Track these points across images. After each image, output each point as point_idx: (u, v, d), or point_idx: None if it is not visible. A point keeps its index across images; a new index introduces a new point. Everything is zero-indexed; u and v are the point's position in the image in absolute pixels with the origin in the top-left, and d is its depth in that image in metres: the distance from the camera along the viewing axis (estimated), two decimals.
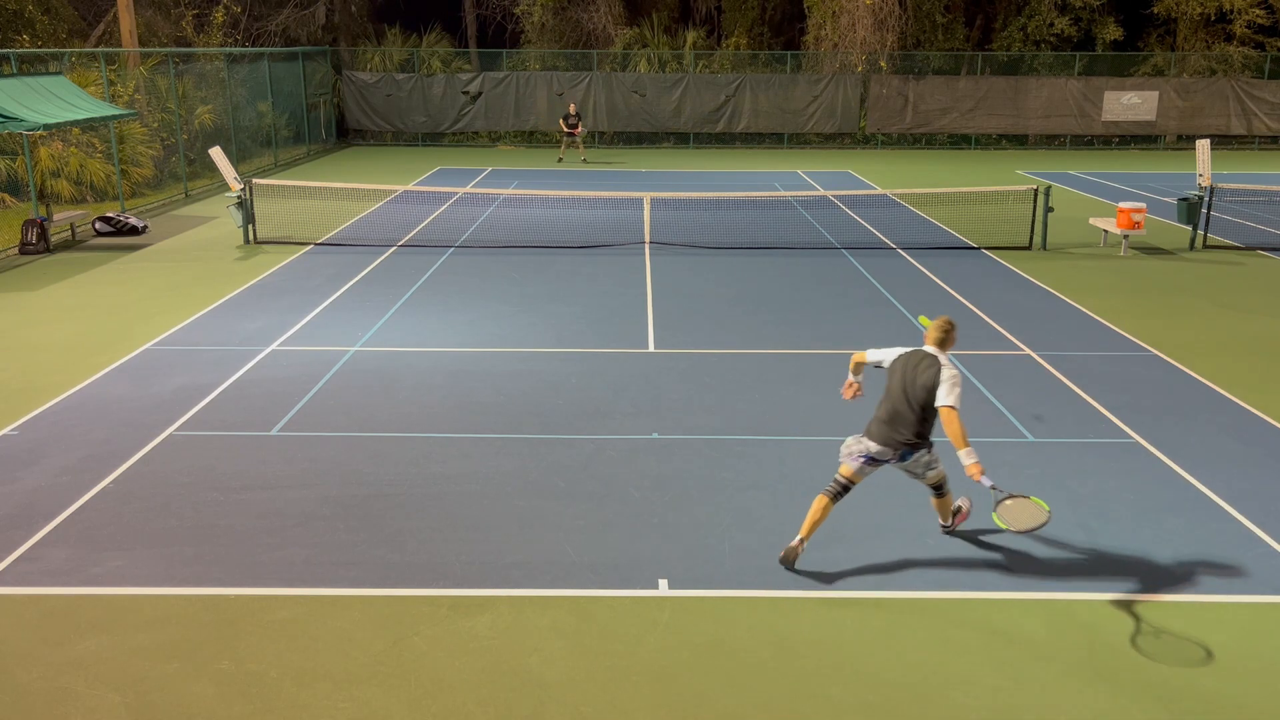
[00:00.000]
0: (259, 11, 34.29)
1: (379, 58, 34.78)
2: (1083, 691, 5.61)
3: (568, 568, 6.86)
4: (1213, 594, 6.59)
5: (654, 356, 11.48)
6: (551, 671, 5.75)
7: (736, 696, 5.54)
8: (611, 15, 35.72)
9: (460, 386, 10.42)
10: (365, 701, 5.48)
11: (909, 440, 6.64)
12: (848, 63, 33.91)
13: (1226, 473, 8.41)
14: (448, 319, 12.95)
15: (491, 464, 8.52)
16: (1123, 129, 34.48)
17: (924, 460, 6.78)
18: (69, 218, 17.93)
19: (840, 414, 9.72)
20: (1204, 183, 17.66)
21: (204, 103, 26.00)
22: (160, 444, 8.89)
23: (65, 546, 7.10)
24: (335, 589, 6.58)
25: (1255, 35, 33.92)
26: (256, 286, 14.63)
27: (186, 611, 6.32)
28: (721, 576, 6.76)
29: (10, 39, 26.80)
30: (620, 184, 24.52)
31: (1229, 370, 11.06)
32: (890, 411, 6.69)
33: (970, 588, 6.65)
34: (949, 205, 21.76)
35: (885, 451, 6.66)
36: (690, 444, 8.95)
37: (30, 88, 17.14)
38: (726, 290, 14.48)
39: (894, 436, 6.64)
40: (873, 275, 15.44)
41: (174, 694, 5.53)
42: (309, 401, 9.95)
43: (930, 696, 5.56)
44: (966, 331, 12.45)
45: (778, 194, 20.57)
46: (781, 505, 7.78)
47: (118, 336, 12.14)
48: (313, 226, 18.98)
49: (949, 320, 6.88)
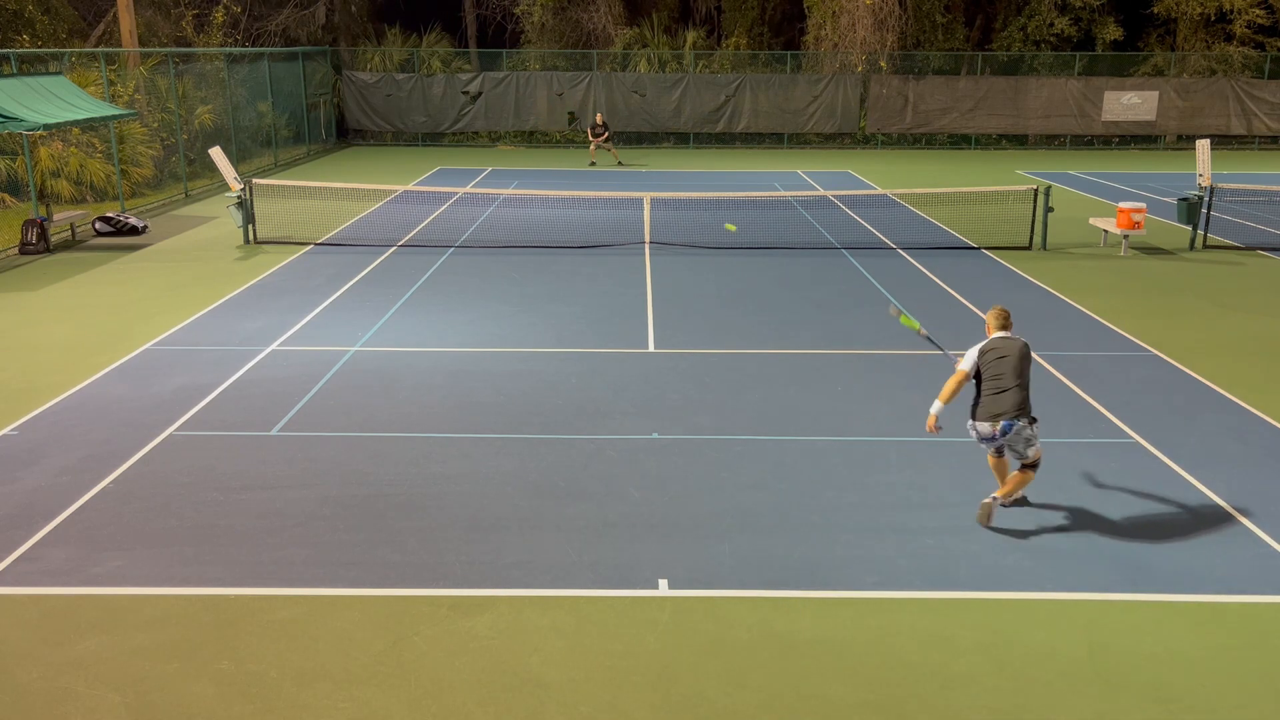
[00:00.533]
0: (259, 11, 34.29)
1: (379, 58, 34.79)
2: (1083, 691, 5.61)
3: (568, 568, 6.86)
4: (1213, 594, 6.59)
5: (654, 356, 11.48)
6: (551, 671, 5.75)
7: (736, 696, 5.54)
8: (611, 15, 35.72)
9: (460, 386, 10.42)
10: (365, 701, 5.48)
11: (1012, 410, 7.21)
12: (848, 63, 33.91)
13: (1226, 473, 8.41)
14: (448, 319, 12.95)
15: (491, 464, 8.52)
16: (1123, 129, 34.49)
17: (1025, 434, 7.29)
18: (69, 218, 17.94)
19: (840, 414, 9.73)
20: (1204, 183, 17.66)
21: (204, 103, 26.01)
22: (160, 444, 8.89)
23: (65, 546, 7.10)
24: (335, 589, 6.58)
25: (1255, 35, 33.92)
26: (256, 286, 14.63)
27: (186, 611, 6.32)
28: (721, 576, 6.76)
29: (10, 39, 26.80)
30: (620, 184, 24.52)
31: (1229, 370, 11.06)
32: (994, 388, 7.30)
33: (970, 588, 6.65)
34: (949, 205, 21.76)
35: (989, 428, 7.30)
36: (690, 444, 8.95)
37: (30, 88, 17.14)
38: (726, 290, 14.48)
39: (998, 412, 7.24)
40: (873, 275, 15.43)
41: (174, 694, 5.53)
42: (309, 401, 9.95)
43: (930, 696, 5.56)
44: (966, 331, 12.46)
45: (778, 194, 20.58)
46: (781, 505, 7.78)
47: (117, 336, 12.14)
48: (313, 226, 18.98)
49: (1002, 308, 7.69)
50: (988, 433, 7.31)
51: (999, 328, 7.57)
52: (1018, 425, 7.23)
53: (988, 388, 7.34)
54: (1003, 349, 7.38)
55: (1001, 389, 7.27)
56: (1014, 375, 7.28)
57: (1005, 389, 7.26)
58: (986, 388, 7.35)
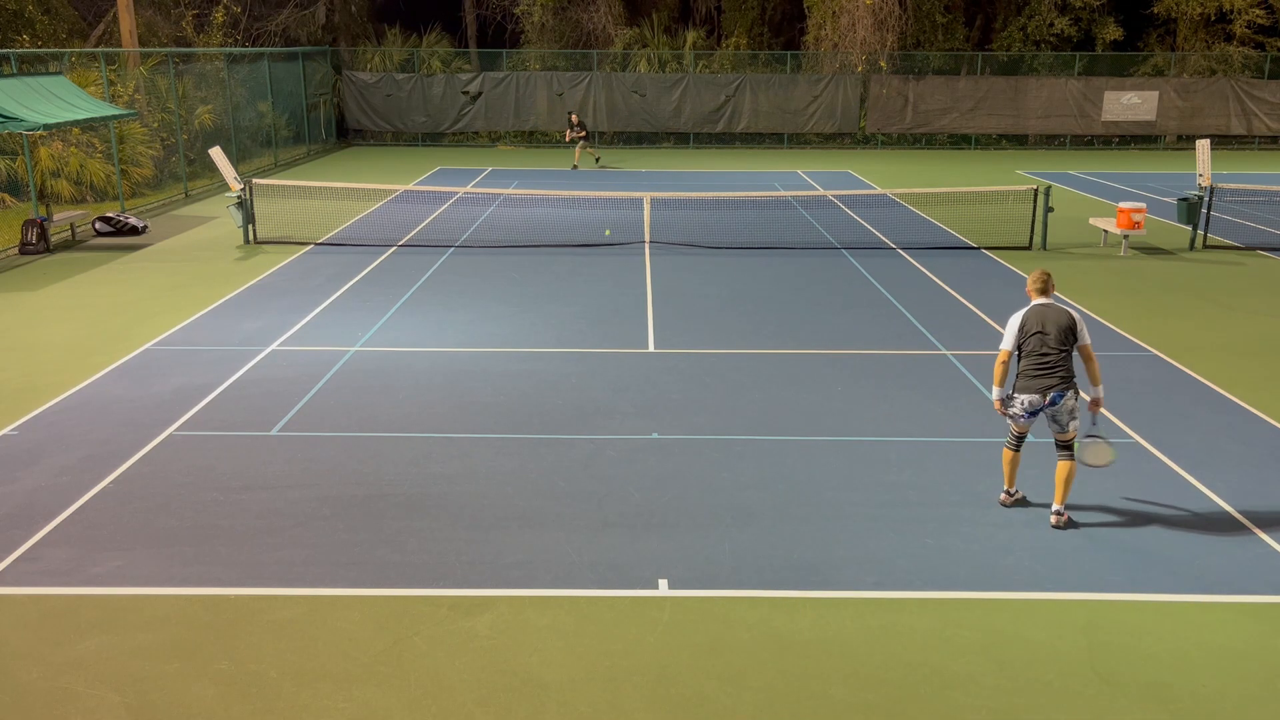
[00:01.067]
0: (259, 11, 34.28)
1: (379, 58, 34.79)
2: (1082, 691, 5.61)
3: (568, 568, 6.86)
4: (1213, 594, 6.59)
5: (654, 356, 11.48)
6: (551, 672, 5.75)
7: (736, 696, 5.54)
8: (611, 15, 35.72)
9: (460, 386, 10.42)
10: (365, 701, 5.48)
11: (1058, 381, 7.23)
12: (848, 63, 33.91)
13: (1226, 473, 8.41)
14: (448, 319, 12.95)
15: (491, 464, 8.52)
16: (1123, 129, 34.49)
17: (1070, 405, 7.29)
18: (69, 218, 17.94)
19: (840, 414, 9.73)
20: (1204, 183, 17.66)
21: (204, 103, 26.01)
22: (160, 444, 8.89)
23: (65, 546, 7.10)
24: (335, 589, 6.58)
25: (1255, 35, 33.92)
26: (256, 286, 14.63)
27: (186, 611, 6.32)
28: (721, 576, 6.76)
29: (10, 39, 26.80)
30: (620, 184, 24.52)
31: (1229, 370, 11.06)
32: (1038, 362, 7.30)
33: (970, 588, 6.65)
34: (949, 205, 21.76)
35: (1038, 400, 7.29)
36: (690, 444, 8.95)
37: (30, 88, 17.14)
38: (726, 290, 14.48)
39: (1044, 383, 7.26)
40: (873, 275, 15.43)
41: (174, 694, 5.53)
42: (309, 401, 9.95)
43: (930, 696, 5.56)
44: (966, 332, 12.46)
45: (778, 194, 20.58)
46: (781, 505, 7.78)
47: (117, 336, 12.14)
48: (313, 226, 18.98)
49: (1044, 270, 7.65)
50: (1036, 404, 7.28)
51: (1039, 293, 7.50)
52: (1067, 395, 7.23)
53: (1031, 361, 7.32)
54: (1044, 324, 7.31)
55: (1046, 363, 7.25)
56: (1058, 346, 7.25)
57: (1050, 363, 7.25)
58: (1029, 361, 7.33)
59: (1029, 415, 7.40)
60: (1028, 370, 7.36)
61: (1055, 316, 7.34)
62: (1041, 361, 7.29)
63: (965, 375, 10.82)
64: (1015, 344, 7.44)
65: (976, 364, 11.16)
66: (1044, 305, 7.43)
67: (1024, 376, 7.38)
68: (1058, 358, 7.26)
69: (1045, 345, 7.28)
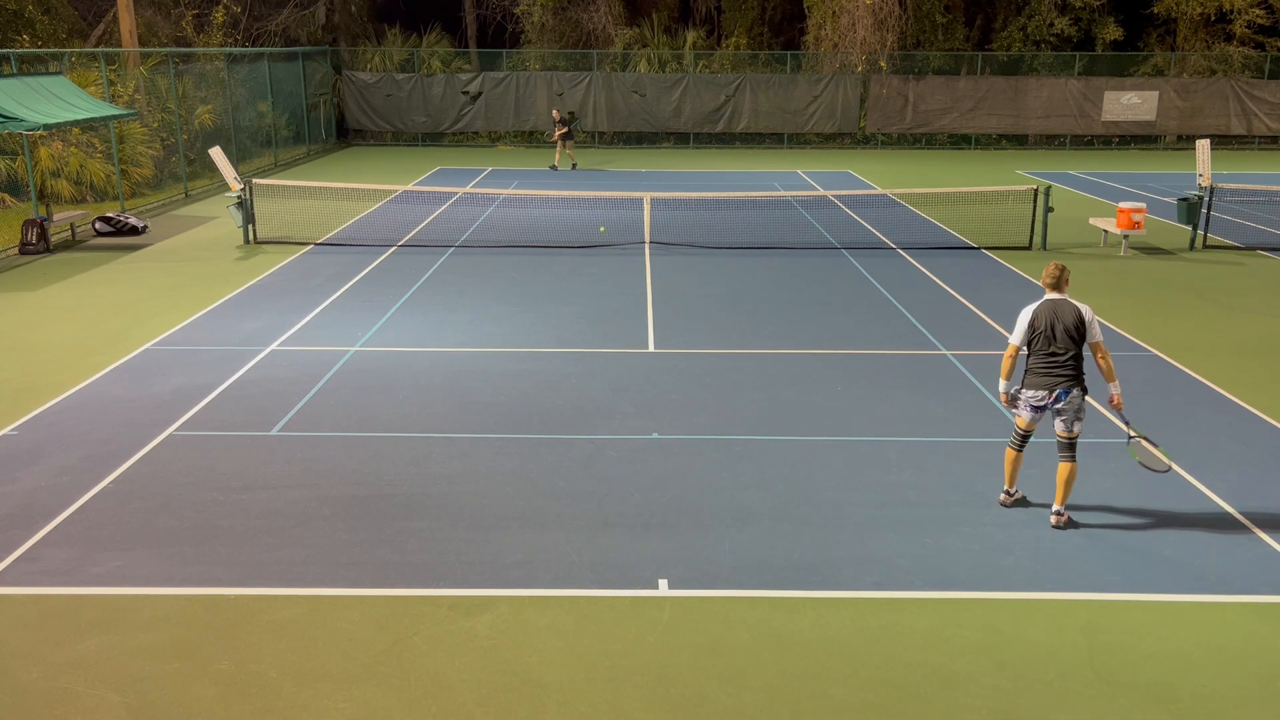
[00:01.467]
0: (259, 11, 34.29)
1: (379, 58, 34.79)
2: (1082, 691, 5.61)
3: (568, 568, 6.86)
4: (1213, 594, 6.59)
5: (654, 356, 11.48)
6: (551, 672, 5.75)
7: (736, 696, 5.54)
8: (611, 15, 35.72)
9: (460, 386, 10.42)
10: (365, 701, 5.48)
11: (1066, 379, 7.23)
12: (848, 63, 33.91)
13: (1226, 473, 8.41)
14: (448, 319, 12.95)
15: (491, 464, 8.52)
16: (1123, 129, 34.49)
17: (1077, 403, 7.27)
18: (69, 218, 17.94)
19: (840, 414, 9.73)
20: (1204, 183, 17.66)
21: (204, 103, 26.01)
22: (160, 444, 8.89)
23: (65, 546, 7.10)
24: (335, 589, 6.58)
25: (1255, 35, 33.92)
26: (256, 286, 14.63)
27: (186, 611, 6.32)
28: (721, 576, 6.76)
29: (10, 39, 26.80)
30: (620, 184, 24.52)
31: (1229, 370, 11.06)
32: (1047, 358, 7.30)
33: (970, 588, 6.65)
34: (949, 205, 21.76)
35: (1044, 397, 7.29)
36: (690, 444, 8.95)
37: (30, 88, 17.14)
38: (726, 290, 14.47)
39: (1052, 380, 7.25)
40: (873, 275, 15.43)
41: (174, 694, 5.53)
42: (309, 401, 9.95)
43: (930, 696, 5.56)
44: (966, 332, 12.47)
45: (778, 194, 20.58)
46: (781, 505, 7.78)
47: (117, 336, 12.14)
48: (313, 226, 18.98)
49: (1058, 263, 7.61)
50: (1043, 400, 7.28)
51: (1051, 287, 7.50)
52: (1074, 393, 7.23)
53: (1039, 359, 7.32)
54: (1053, 322, 7.29)
55: (1054, 360, 7.25)
56: (1067, 344, 7.25)
57: (1059, 360, 7.25)
58: (1038, 358, 7.34)
59: (1035, 411, 7.39)
60: (1036, 366, 7.36)
61: (1066, 313, 7.32)
62: (1050, 358, 7.28)
63: (965, 375, 10.83)
64: (1024, 339, 7.43)
65: (976, 364, 11.16)
66: (1056, 301, 7.41)
67: (1032, 373, 7.38)
68: (1066, 355, 7.25)
69: (1054, 343, 7.27)
